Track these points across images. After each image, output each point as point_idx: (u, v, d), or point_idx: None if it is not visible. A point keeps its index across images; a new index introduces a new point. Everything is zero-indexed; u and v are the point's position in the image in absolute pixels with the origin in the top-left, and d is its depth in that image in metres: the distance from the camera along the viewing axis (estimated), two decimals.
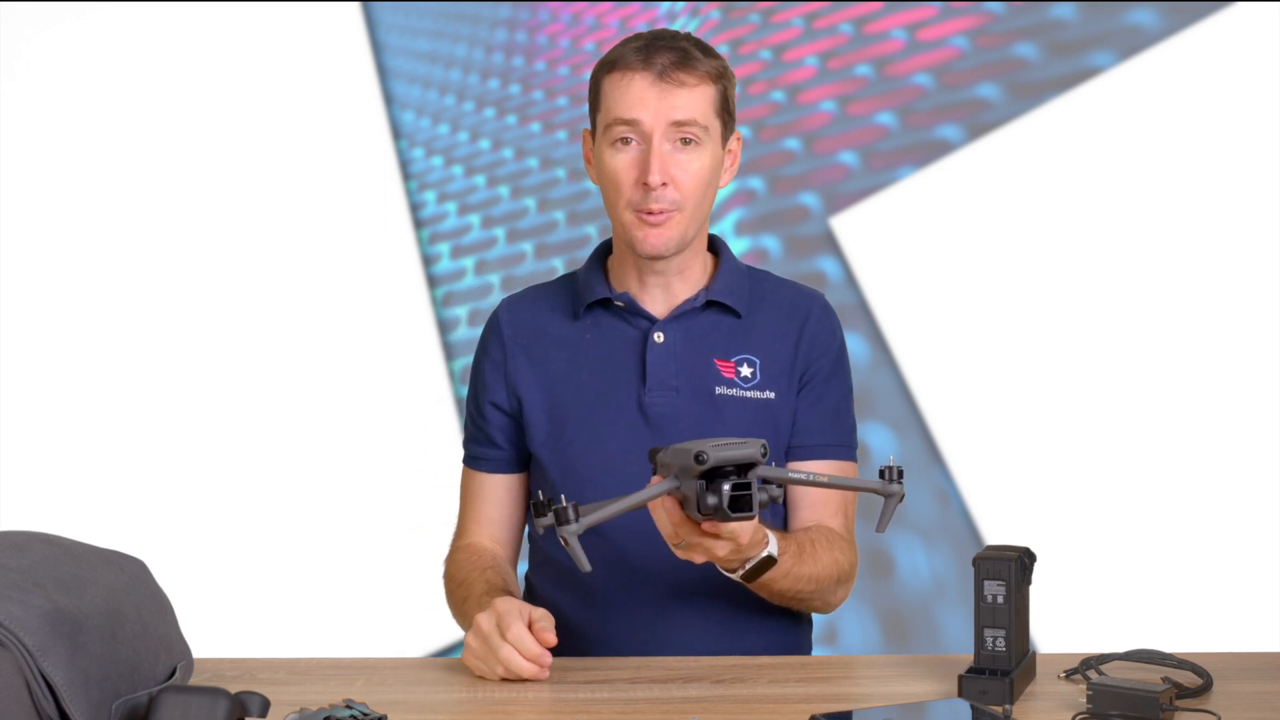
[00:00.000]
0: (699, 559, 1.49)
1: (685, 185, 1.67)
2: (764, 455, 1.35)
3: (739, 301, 1.76)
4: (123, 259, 3.51)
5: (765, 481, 1.39)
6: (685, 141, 1.66)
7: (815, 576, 1.67)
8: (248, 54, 3.58)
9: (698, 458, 1.33)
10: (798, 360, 1.76)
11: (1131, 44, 3.25)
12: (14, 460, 3.44)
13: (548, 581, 1.78)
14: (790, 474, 1.45)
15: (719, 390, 1.73)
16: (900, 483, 1.41)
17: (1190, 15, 3.23)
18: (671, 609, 1.71)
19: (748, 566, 1.56)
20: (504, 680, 1.49)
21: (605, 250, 1.82)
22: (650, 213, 1.66)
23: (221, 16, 3.57)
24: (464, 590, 1.74)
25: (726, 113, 1.71)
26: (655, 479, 1.44)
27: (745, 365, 1.75)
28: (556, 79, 3.61)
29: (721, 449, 1.35)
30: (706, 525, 1.42)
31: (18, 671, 1.15)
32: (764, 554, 1.55)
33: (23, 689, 1.15)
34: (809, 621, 1.83)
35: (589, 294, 1.77)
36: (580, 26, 3.61)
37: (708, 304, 1.76)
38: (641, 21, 3.53)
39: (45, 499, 3.40)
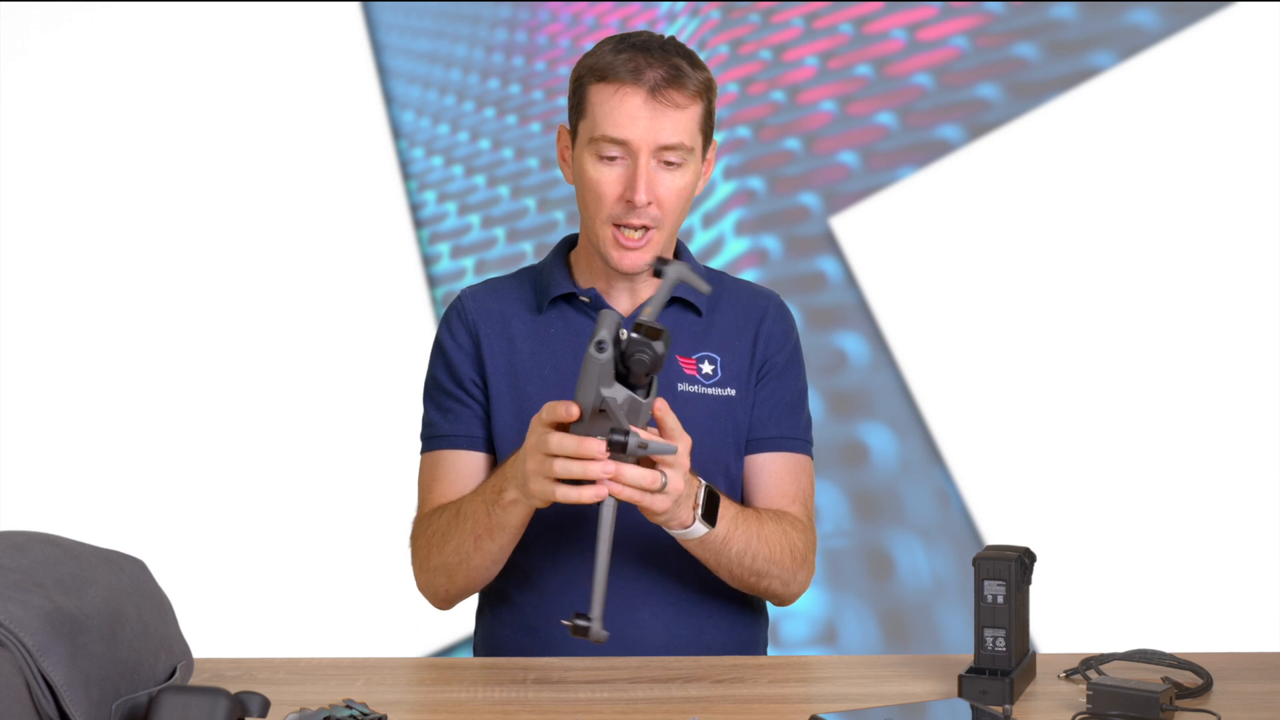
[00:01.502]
0: (661, 505, 1.47)
1: (667, 203, 1.68)
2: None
3: (699, 299, 1.78)
4: (123, 259, 3.51)
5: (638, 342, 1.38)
6: (670, 162, 1.67)
7: (767, 540, 1.67)
8: (248, 54, 3.58)
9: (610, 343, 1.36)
10: (755, 357, 1.78)
11: (1131, 44, 3.25)
12: (14, 460, 3.44)
13: (509, 584, 1.78)
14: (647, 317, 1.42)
15: (681, 387, 1.75)
16: (674, 265, 1.41)
17: (1190, 15, 3.23)
18: (631, 606, 1.71)
19: (700, 503, 1.56)
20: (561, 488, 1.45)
21: (569, 244, 1.83)
22: (630, 226, 1.67)
23: (222, 16, 3.57)
24: (454, 507, 1.68)
25: (709, 124, 1.72)
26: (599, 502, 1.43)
27: (706, 363, 1.76)
28: (556, 79, 3.61)
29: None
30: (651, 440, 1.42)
31: (18, 671, 1.15)
32: (701, 488, 1.56)
33: (23, 689, 1.15)
34: (765, 617, 1.85)
35: (554, 288, 1.77)
36: (580, 26, 3.61)
37: (670, 301, 1.77)
38: (641, 21, 3.53)
39: (45, 499, 3.40)
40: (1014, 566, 1.42)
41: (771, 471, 1.78)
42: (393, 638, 3.21)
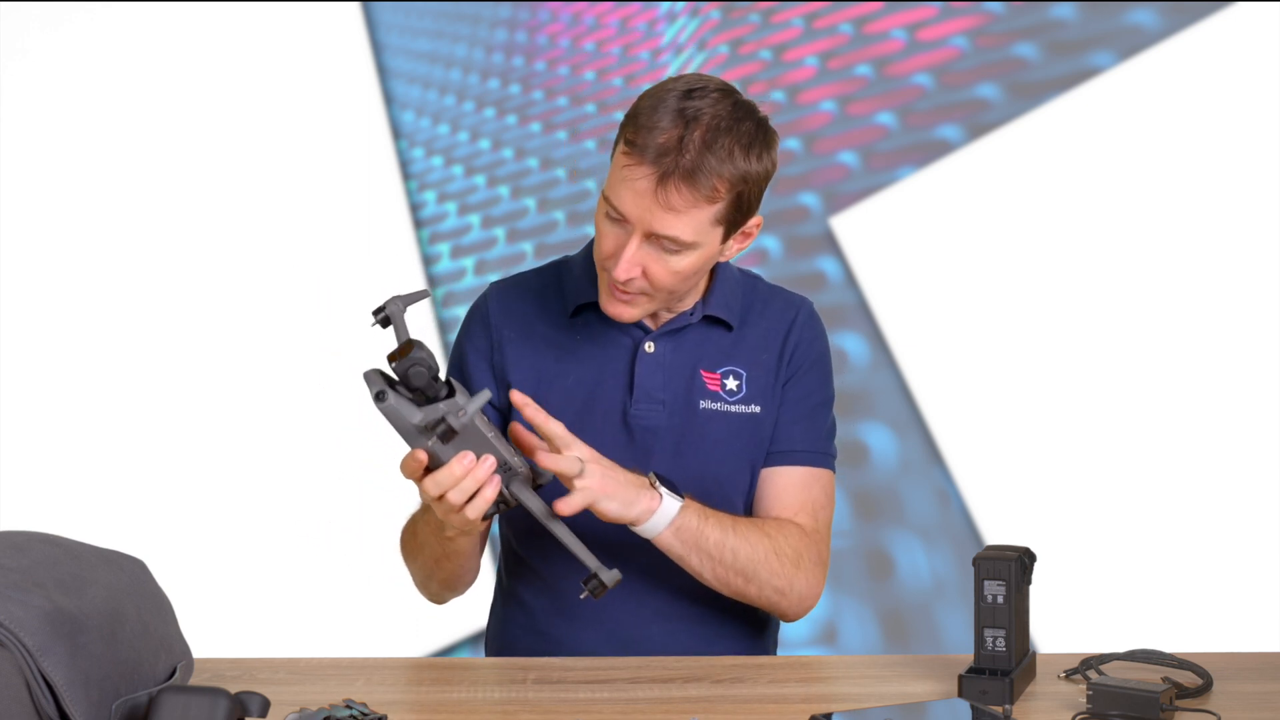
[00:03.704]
0: (577, 502, 1.53)
1: (658, 280, 1.60)
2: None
3: (732, 315, 1.74)
4: (123, 259, 3.51)
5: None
6: (667, 248, 1.58)
7: (745, 537, 1.63)
8: (248, 54, 3.58)
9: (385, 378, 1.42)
10: (780, 367, 1.74)
11: (1131, 44, 3.25)
12: (14, 460, 3.44)
13: (521, 584, 1.77)
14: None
15: (703, 404, 1.71)
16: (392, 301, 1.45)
17: (1190, 15, 3.23)
18: (641, 623, 1.70)
19: (658, 483, 1.58)
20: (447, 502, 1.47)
21: None
22: (619, 289, 1.62)
23: (222, 16, 3.57)
24: (414, 526, 1.73)
25: (738, 214, 1.60)
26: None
27: (731, 378, 1.73)
28: (556, 79, 3.61)
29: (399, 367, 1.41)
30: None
31: (18, 671, 1.15)
32: (651, 474, 1.59)
33: (23, 689, 1.15)
34: (774, 630, 1.83)
35: (583, 294, 1.73)
36: (580, 26, 3.61)
37: (702, 318, 1.73)
38: (641, 21, 3.53)
39: (45, 499, 3.40)
40: (1014, 566, 1.42)
41: (780, 485, 1.73)
42: (393, 638, 3.21)
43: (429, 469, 1.46)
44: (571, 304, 1.73)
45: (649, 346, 1.72)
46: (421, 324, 3.50)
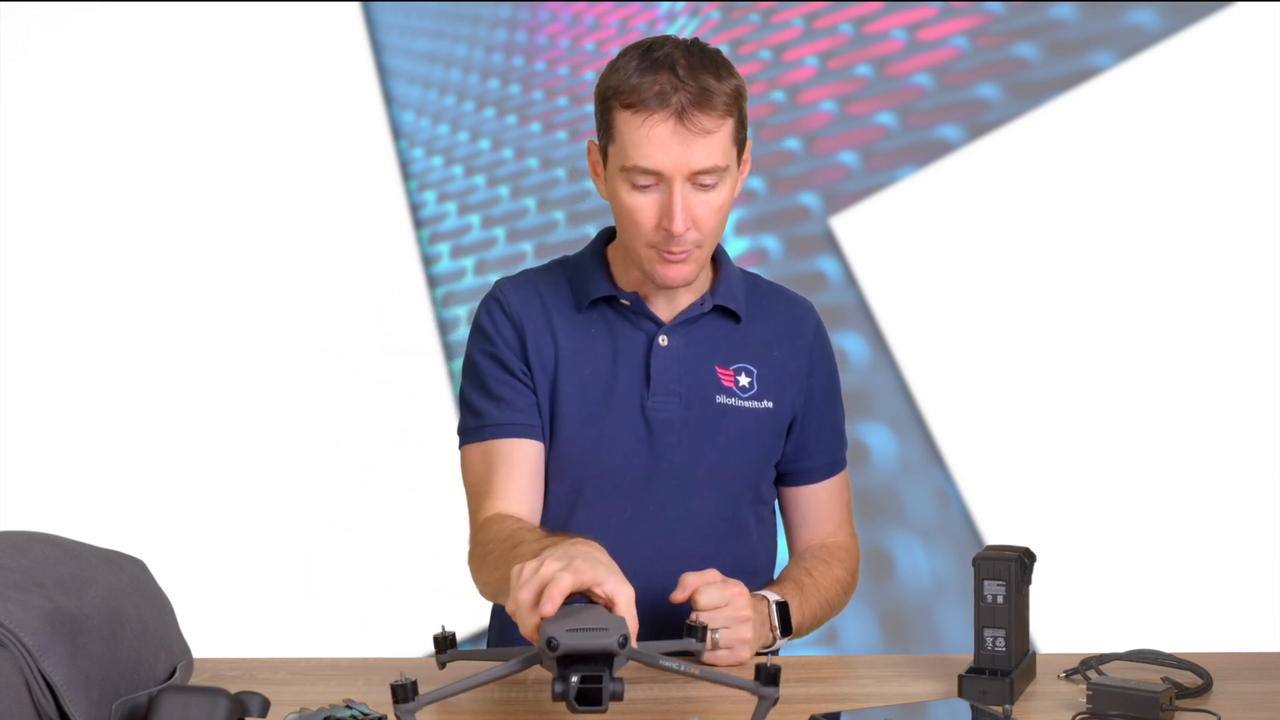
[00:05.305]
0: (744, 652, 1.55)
1: (707, 223, 1.63)
2: (622, 645, 1.22)
3: (739, 306, 1.77)
4: (123, 259, 3.51)
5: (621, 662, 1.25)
6: (705, 184, 1.62)
7: (829, 599, 1.74)
8: (248, 54, 3.58)
9: (549, 643, 1.22)
10: (798, 379, 1.78)
11: (1131, 44, 3.25)
12: (14, 460, 3.44)
13: None
14: (660, 659, 1.30)
15: (720, 399, 1.74)
16: (776, 686, 1.29)
17: (1190, 15, 3.23)
18: (638, 618, 1.70)
19: (776, 625, 1.63)
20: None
21: (606, 238, 1.79)
22: (672, 252, 1.64)
23: (222, 16, 3.57)
24: (512, 538, 1.59)
25: (742, 131, 1.66)
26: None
27: (744, 375, 1.75)
28: (556, 79, 3.61)
29: (578, 636, 1.22)
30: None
31: (18, 671, 1.15)
32: (772, 608, 1.63)
33: (23, 689, 1.15)
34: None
35: (594, 289, 1.74)
36: (580, 26, 3.61)
37: (712, 309, 1.75)
38: (641, 21, 3.53)
39: (45, 499, 3.40)
40: (1014, 566, 1.42)
41: (818, 501, 1.82)
42: (393, 638, 3.21)
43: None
44: (584, 298, 1.75)
45: (663, 340, 1.73)
46: (422, 324, 3.50)
